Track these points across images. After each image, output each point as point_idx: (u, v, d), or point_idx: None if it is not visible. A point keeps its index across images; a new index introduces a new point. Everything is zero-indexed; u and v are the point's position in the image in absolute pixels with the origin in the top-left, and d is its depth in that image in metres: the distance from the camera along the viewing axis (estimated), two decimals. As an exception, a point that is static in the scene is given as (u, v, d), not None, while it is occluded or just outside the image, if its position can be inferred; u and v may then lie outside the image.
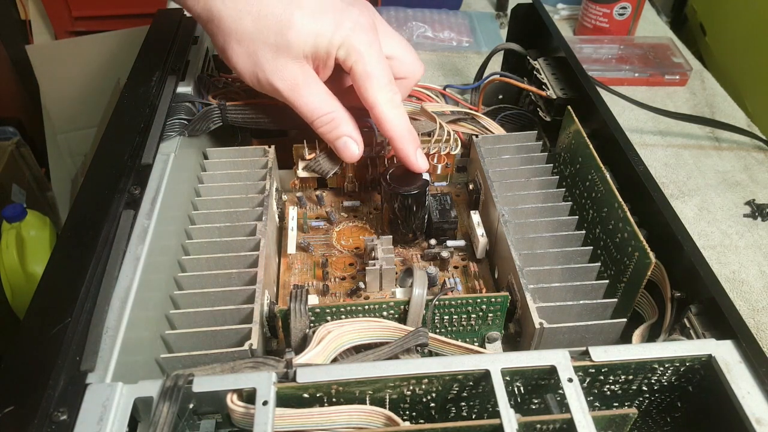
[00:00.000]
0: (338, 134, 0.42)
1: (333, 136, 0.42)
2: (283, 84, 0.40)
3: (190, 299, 0.36)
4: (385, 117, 0.41)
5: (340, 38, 0.39)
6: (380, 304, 0.37)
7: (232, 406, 0.28)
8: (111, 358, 0.29)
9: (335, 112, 0.41)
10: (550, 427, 0.28)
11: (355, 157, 0.43)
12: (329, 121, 0.41)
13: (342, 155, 0.43)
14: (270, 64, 0.39)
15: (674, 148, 0.68)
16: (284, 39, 0.38)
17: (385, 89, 0.40)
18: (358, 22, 0.39)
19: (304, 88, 0.40)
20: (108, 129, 0.43)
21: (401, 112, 0.41)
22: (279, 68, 0.39)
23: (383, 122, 0.41)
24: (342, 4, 0.40)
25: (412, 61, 0.46)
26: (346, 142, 0.42)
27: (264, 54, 0.39)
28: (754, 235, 0.57)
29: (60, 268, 0.33)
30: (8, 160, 1.05)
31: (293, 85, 0.40)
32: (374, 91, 0.40)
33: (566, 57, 0.51)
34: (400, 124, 0.41)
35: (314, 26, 0.39)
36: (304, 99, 0.40)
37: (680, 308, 0.35)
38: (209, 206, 0.43)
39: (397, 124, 0.41)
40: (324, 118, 0.41)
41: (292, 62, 0.39)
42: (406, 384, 0.29)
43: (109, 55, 1.08)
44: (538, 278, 0.37)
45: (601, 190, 0.40)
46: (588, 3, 0.84)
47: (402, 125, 0.41)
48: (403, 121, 0.42)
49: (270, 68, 0.39)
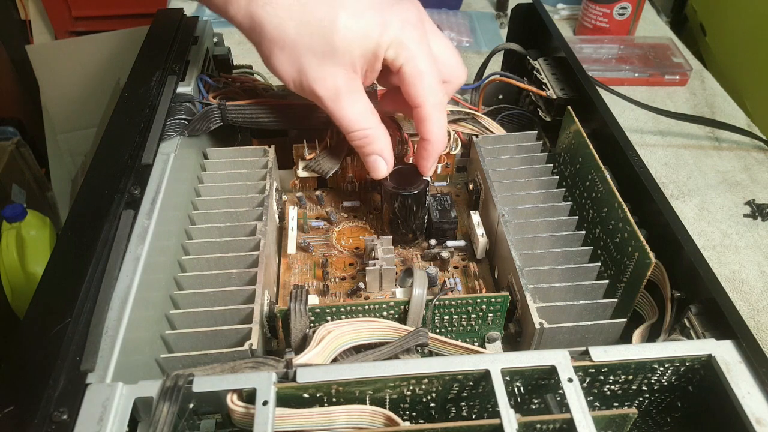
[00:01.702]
0: (371, 151, 0.41)
1: (366, 151, 0.41)
2: (326, 92, 0.38)
3: (190, 299, 0.36)
4: (431, 119, 0.40)
5: (388, 38, 0.37)
6: (380, 304, 0.37)
7: (232, 406, 0.28)
8: (111, 358, 0.29)
9: (373, 128, 0.40)
10: (550, 427, 0.28)
11: (382, 175, 0.42)
12: (365, 136, 0.40)
13: (370, 171, 0.43)
14: (314, 71, 0.38)
15: (674, 148, 0.68)
16: (329, 44, 0.37)
17: (435, 89, 0.39)
18: (406, 18, 0.38)
19: (346, 100, 0.39)
20: (108, 129, 0.43)
21: (445, 118, 0.41)
22: (323, 76, 0.38)
23: (427, 123, 0.40)
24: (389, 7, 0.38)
25: (456, 64, 0.43)
26: (376, 160, 0.42)
27: (309, 60, 0.37)
28: (754, 235, 0.57)
29: (60, 268, 0.33)
30: (8, 160, 1.05)
31: (335, 95, 0.38)
32: (425, 90, 0.39)
33: (566, 57, 0.51)
34: (441, 129, 0.40)
35: (360, 27, 0.37)
36: (344, 111, 0.39)
37: (680, 308, 0.35)
38: (209, 206, 0.43)
39: (439, 128, 0.40)
40: (360, 133, 0.40)
41: (338, 69, 0.38)
42: (406, 384, 0.29)
43: (109, 55, 1.08)
44: (538, 278, 0.37)
45: (601, 190, 0.40)
46: (588, 3, 0.84)
47: (443, 131, 0.41)
48: (444, 126, 0.41)
49: (314, 75, 0.38)
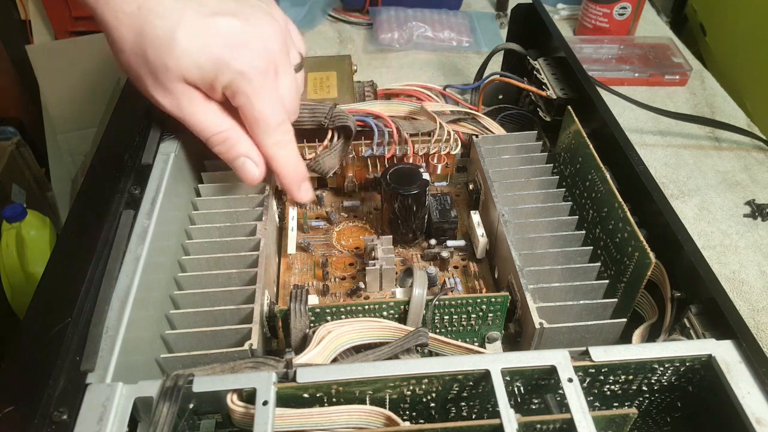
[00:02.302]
0: (235, 154, 0.39)
1: (229, 156, 0.39)
2: (167, 104, 0.37)
3: (190, 299, 0.36)
4: (271, 158, 0.40)
5: (225, 80, 0.36)
6: (380, 304, 0.37)
7: (232, 406, 0.28)
8: (111, 358, 0.29)
9: (229, 130, 0.38)
10: (550, 427, 0.28)
11: (255, 178, 0.39)
12: (223, 140, 0.38)
13: (240, 176, 0.40)
14: (151, 85, 0.36)
15: (674, 148, 0.68)
16: (163, 64, 0.35)
17: (272, 133, 0.38)
18: (250, 66, 0.35)
19: (191, 106, 0.37)
20: (108, 129, 0.43)
21: (288, 151, 0.40)
22: (161, 90, 0.36)
23: (269, 161, 0.40)
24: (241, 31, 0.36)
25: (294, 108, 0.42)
26: (244, 163, 0.39)
27: (145, 73, 0.36)
28: (754, 235, 0.57)
29: (60, 268, 0.33)
30: (8, 160, 1.05)
31: (177, 107, 0.37)
32: (261, 135, 0.38)
33: (566, 57, 0.51)
34: (286, 163, 0.40)
35: (195, 59, 0.35)
36: (193, 117, 0.37)
37: (680, 308, 0.35)
38: (209, 206, 0.43)
39: (283, 164, 0.40)
40: (217, 137, 0.38)
41: (175, 85, 0.36)
42: (406, 384, 0.29)
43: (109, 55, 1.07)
44: (538, 278, 0.37)
45: (601, 190, 0.40)
46: (588, 3, 0.84)
47: (288, 165, 0.40)
48: (290, 160, 0.40)
49: (151, 89, 0.36)
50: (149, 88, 0.36)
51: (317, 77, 0.55)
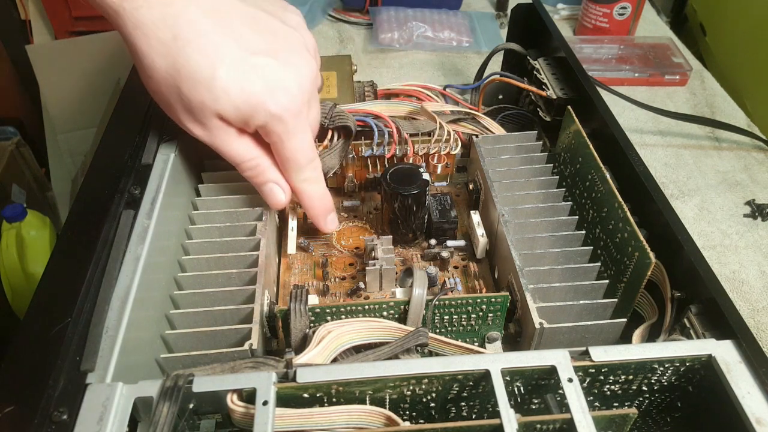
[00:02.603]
0: (264, 180, 0.40)
1: (258, 181, 0.40)
2: (199, 131, 0.37)
3: (190, 299, 0.36)
4: (299, 192, 0.41)
5: (261, 121, 0.36)
6: (380, 304, 0.37)
7: (232, 406, 0.28)
8: (111, 358, 0.29)
9: (259, 158, 0.39)
10: (550, 427, 0.28)
11: (280, 204, 0.41)
12: (253, 167, 0.39)
13: (267, 201, 0.41)
14: (183, 115, 0.36)
15: (674, 148, 0.68)
16: (199, 99, 0.35)
17: (302, 171, 0.40)
18: (286, 109, 0.36)
19: (224, 138, 0.37)
20: (108, 129, 0.43)
21: (316, 187, 0.41)
22: (193, 121, 0.36)
23: (298, 196, 0.41)
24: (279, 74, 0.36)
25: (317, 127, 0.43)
26: (272, 189, 0.40)
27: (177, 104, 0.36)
28: (754, 235, 0.57)
29: (60, 268, 0.33)
30: (8, 160, 1.05)
31: (209, 136, 0.37)
32: (291, 173, 0.40)
33: (566, 57, 0.51)
34: (313, 197, 0.42)
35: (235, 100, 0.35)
36: (224, 147, 0.38)
37: (680, 308, 0.35)
38: (209, 206, 0.43)
39: (312, 198, 0.42)
40: (247, 164, 0.39)
41: (209, 118, 0.36)
42: (406, 384, 0.29)
43: (109, 55, 1.08)
44: (538, 278, 0.37)
45: (601, 190, 0.40)
46: (588, 3, 0.84)
47: (315, 198, 0.42)
48: (318, 194, 0.42)
49: (183, 118, 0.37)
50: (180, 117, 0.37)
51: (317, 77, 0.55)
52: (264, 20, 0.37)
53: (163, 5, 0.33)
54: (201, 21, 0.34)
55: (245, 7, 0.36)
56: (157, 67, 0.34)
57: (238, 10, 0.36)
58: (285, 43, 0.37)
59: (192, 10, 0.34)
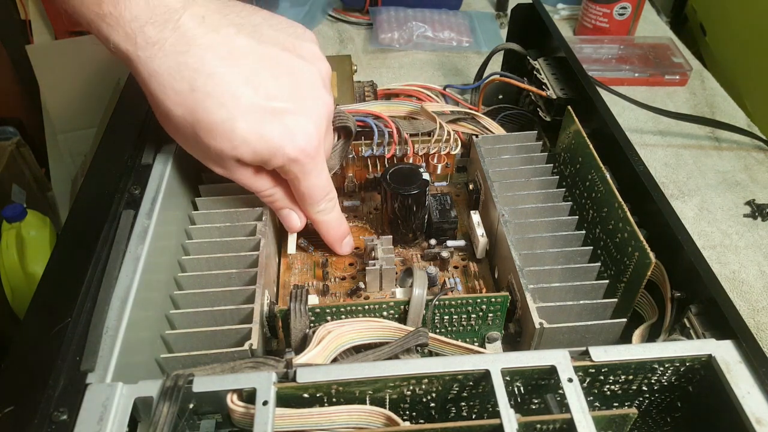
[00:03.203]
0: (281, 206, 0.41)
1: (275, 207, 0.42)
2: (218, 169, 0.38)
3: (190, 299, 0.36)
4: (315, 222, 0.43)
5: (279, 164, 0.37)
6: (380, 304, 0.37)
7: (232, 406, 0.28)
8: (111, 358, 0.29)
9: (276, 188, 0.40)
10: (550, 427, 0.28)
11: (296, 228, 0.43)
12: (270, 195, 0.40)
13: (284, 224, 0.43)
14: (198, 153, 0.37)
15: (674, 148, 0.68)
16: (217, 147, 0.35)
17: (318, 204, 0.41)
18: (303, 152, 0.36)
19: (242, 173, 0.38)
20: (108, 129, 0.43)
21: (332, 216, 0.43)
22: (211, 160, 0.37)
23: (316, 225, 0.43)
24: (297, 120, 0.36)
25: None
26: (288, 214, 0.42)
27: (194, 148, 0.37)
28: (754, 235, 0.57)
29: (60, 268, 0.33)
30: (8, 160, 1.05)
31: (228, 172, 0.38)
32: (308, 206, 0.41)
33: (566, 57, 0.51)
34: (330, 226, 0.43)
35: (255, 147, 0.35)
36: (242, 181, 0.39)
37: (680, 308, 0.35)
38: (209, 206, 0.43)
39: (328, 226, 0.43)
40: (265, 193, 0.40)
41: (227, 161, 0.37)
42: (406, 384, 0.29)
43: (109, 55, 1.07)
44: (538, 278, 0.37)
45: (601, 190, 0.40)
46: (588, 3, 0.84)
47: (331, 228, 0.43)
48: (333, 223, 0.43)
49: (201, 156, 0.37)
50: (196, 155, 0.38)
51: (317, 77, 0.55)
52: (280, 60, 0.36)
53: (179, 54, 0.32)
54: (218, 71, 0.33)
55: (261, 48, 0.35)
56: (174, 114, 0.34)
57: (254, 52, 0.35)
58: (302, 82, 0.37)
59: (208, 58, 0.33)
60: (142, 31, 0.31)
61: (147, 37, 0.32)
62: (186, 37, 0.32)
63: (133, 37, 0.32)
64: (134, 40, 0.32)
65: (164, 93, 0.33)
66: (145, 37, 0.32)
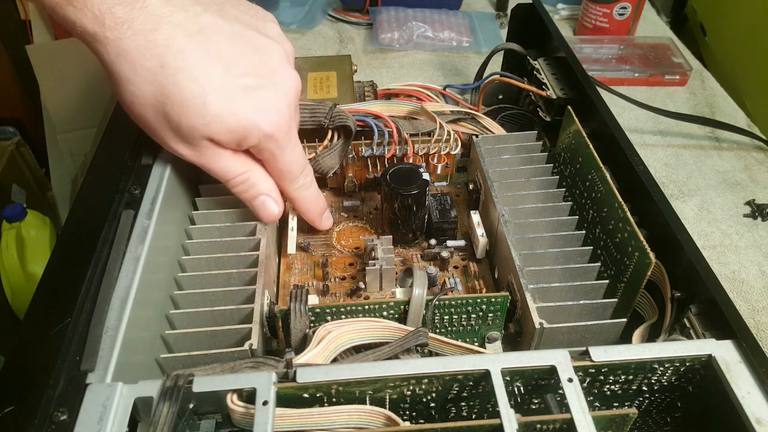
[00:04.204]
0: (255, 193, 0.39)
1: (249, 195, 0.39)
2: (187, 152, 0.37)
3: (190, 299, 0.36)
4: (294, 199, 0.42)
5: (254, 141, 0.36)
6: (380, 304, 0.37)
7: (232, 406, 0.28)
8: (111, 358, 0.29)
9: (249, 172, 0.38)
10: (550, 427, 0.28)
11: (273, 217, 0.40)
12: (243, 181, 0.39)
13: (260, 215, 0.40)
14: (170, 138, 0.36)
15: (674, 148, 0.68)
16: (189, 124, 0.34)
17: (297, 180, 0.41)
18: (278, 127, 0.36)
19: (213, 155, 0.37)
20: (108, 129, 0.43)
21: (311, 191, 0.43)
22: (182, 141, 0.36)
23: (294, 203, 0.43)
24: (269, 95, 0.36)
25: None
26: (264, 201, 0.40)
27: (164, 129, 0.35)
28: (754, 235, 0.57)
29: (60, 268, 0.33)
30: (8, 160, 1.05)
31: (198, 154, 0.37)
32: (287, 183, 0.41)
33: (566, 57, 0.51)
34: (309, 201, 0.43)
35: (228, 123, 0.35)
36: (213, 165, 0.37)
37: (680, 308, 0.35)
38: (209, 206, 0.43)
39: (307, 202, 0.43)
40: (237, 180, 0.38)
41: (199, 140, 0.36)
42: (406, 384, 0.29)
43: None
44: (538, 278, 0.37)
45: (601, 190, 0.40)
46: (588, 3, 0.84)
47: (311, 203, 0.43)
48: (312, 198, 0.43)
49: (170, 138, 0.36)
50: (166, 139, 0.36)
51: (317, 77, 0.55)
52: (247, 37, 0.36)
53: (148, 32, 0.33)
54: (188, 47, 0.33)
55: (228, 25, 0.36)
56: (143, 93, 0.34)
57: (221, 29, 0.35)
58: (269, 59, 0.37)
59: (178, 35, 0.33)
60: (110, 11, 0.31)
61: (116, 17, 0.32)
62: (154, 15, 0.33)
63: (102, 18, 0.32)
64: (102, 21, 0.32)
65: (134, 71, 0.33)
66: (114, 17, 0.32)
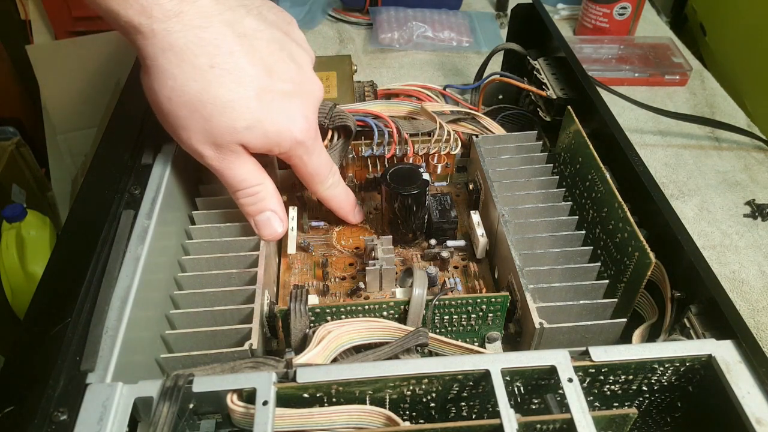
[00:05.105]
0: (262, 207, 0.39)
1: (255, 209, 0.39)
2: (210, 154, 0.36)
3: (190, 299, 0.36)
4: (326, 199, 0.44)
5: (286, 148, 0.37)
6: (380, 304, 0.37)
7: (232, 406, 0.28)
8: (111, 358, 0.29)
9: (261, 185, 0.38)
10: (550, 427, 0.28)
11: (277, 235, 0.40)
12: (254, 194, 0.38)
13: (262, 231, 0.39)
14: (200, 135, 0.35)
15: (674, 148, 0.68)
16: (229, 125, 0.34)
17: (325, 181, 0.42)
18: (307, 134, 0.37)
19: (234, 161, 0.36)
20: (108, 129, 0.43)
21: (341, 188, 0.44)
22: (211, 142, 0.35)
23: (327, 202, 0.44)
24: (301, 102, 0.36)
25: None
26: (269, 218, 0.39)
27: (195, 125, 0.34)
28: (754, 235, 0.57)
29: (60, 268, 0.33)
30: (8, 160, 1.05)
31: (221, 158, 0.36)
32: (317, 185, 0.42)
33: (566, 57, 0.51)
34: (339, 198, 0.44)
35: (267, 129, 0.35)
36: (230, 171, 0.37)
37: (680, 308, 0.35)
38: (209, 206, 0.43)
39: (337, 200, 0.44)
40: (248, 191, 0.38)
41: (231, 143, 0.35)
42: (406, 384, 0.29)
43: (109, 55, 1.08)
44: (538, 278, 0.37)
45: (601, 190, 0.40)
46: (588, 3, 0.84)
47: (341, 199, 0.45)
48: (343, 194, 0.45)
49: (199, 137, 0.35)
50: (192, 140, 0.35)
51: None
52: (283, 44, 0.37)
53: (198, 28, 0.32)
54: (236, 49, 0.34)
55: (268, 30, 0.36)
56: (185, 90, 0.33)
57: (263, 34, 0.36)
58: (301, 67, 0.38)
59: (229, 36, 0.33)
60: (158, 3, 0.31)
61: (164, 9, 0.31)
62: (205, 12, 0.33)
63: (149, 10, 0.31)
64: (150, 12, 0.31)
65: (180, 67, 0.33)
66: (162, 9, 0.31)
